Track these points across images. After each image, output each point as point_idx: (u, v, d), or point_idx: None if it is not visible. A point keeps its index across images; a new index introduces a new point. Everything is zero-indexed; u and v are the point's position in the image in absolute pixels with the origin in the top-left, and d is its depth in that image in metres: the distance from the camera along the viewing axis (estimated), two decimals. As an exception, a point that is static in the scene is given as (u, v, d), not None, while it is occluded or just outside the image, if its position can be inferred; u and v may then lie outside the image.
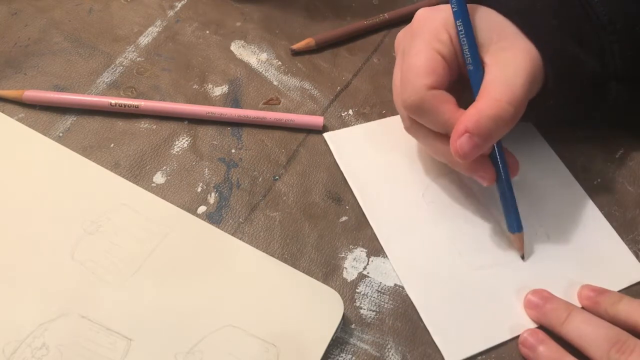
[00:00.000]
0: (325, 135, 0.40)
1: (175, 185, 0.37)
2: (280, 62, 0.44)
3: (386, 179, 0.39)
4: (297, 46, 0.44)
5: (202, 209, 0.37)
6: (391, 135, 0.41)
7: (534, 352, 0.33)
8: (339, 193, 0.38)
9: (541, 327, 0.34)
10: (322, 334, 0.32)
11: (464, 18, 0.34)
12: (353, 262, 0.36)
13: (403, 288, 0.35)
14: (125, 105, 0.39)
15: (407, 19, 0.47)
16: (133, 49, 0.43)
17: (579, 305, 0.35)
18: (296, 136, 0.41)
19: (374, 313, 0.34)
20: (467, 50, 0.34)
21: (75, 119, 0.39)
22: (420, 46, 0.34)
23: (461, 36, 0.34)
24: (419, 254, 0.36)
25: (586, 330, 0.32)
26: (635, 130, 0.42)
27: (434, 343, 0.34)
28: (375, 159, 0.40)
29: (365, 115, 0.42)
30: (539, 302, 0.34)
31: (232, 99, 0.42)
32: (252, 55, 0.44)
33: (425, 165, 0.40)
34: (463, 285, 0.35)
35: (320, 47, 0.45)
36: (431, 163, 0.40)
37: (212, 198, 0.37)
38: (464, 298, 0.35)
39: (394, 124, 0.41)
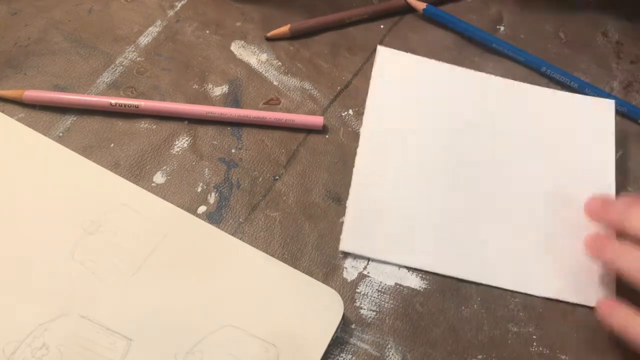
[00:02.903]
0: (380, 48, 0.42)
1: (175, 185, 0.37)
2: (280, 62, 0.44)
3: (407, 122, 0.40)
4: (272, 33, 0.45)
5: (202, 209, 0.37)
6: (442, 87, 0.42)
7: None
8: (339, 193, 0.38)
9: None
10: (322, 334, 0.32)
11: None
12: (353, 262, 0.36)
13: (404, 287, 0.35)
14: (125, 105, 0.39)
15: (387, 14, 0.48)
16: (133, 49, 0.43)
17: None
18: (296, 136, 0.41)
19: (374, 313, 0.34)
20: None
21: (75, 119, 0.39)
22: None
23: None
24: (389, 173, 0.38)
25: None
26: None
27: (434, 342, 0.34)
28: (407, 100, 0.41)
29: (365, 115, 0.42)
30: (599, 204, 0.36)
31: (232, 99, 0.42)
32: (252, 55, 0.44)
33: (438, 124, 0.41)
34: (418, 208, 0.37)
35: (295, 36, 0.45)
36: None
37: (212, 198, 0.37)
38: (413, 215, 0.37)
39: (455, 75, 0.43)
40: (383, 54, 0.42)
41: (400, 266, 0.36)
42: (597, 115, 0.43)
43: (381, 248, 0.35)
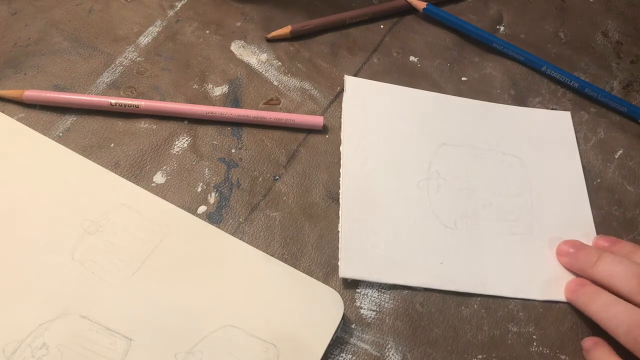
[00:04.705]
0: (347, 77, 0.43)
1: (175, 185, 0.37)
2: (280, 62, 0.44)
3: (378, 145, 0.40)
4: (272, 34, 0.45)
5: (202, 209, 0.37)
6: (409, 107, 0.43)
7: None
8: (339, 193, 0.38)
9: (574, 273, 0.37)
10: (322, 334, 0.32)
11: None
12: (353, 262, 0.36)
13: (404, 287, 0.35)
14: (125, 105, 0.39)
15: (387, 14, 0.48)
16: (133, 49, 0.43)
17: None
18: (296, 136, 0.41)
19: (374, 313, 0.34)
20: None
21: (75, 118, 0.39)
22: None
23: None
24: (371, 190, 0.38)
25: (617, 269, 0.33)
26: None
27: (434, 342, 0.34)
28: (381, 123, 0.41)
29: (365, 115, 0.42)
30: (570, 250, 0.36)
31: (232, 99, 0.42)
32: (252, 55, 0.44)
33: (417, 153, 0.41)
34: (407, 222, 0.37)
35: (295, 37, 0.45)
36: (427, 151, 0.41)
37: (212, 198, 0.37)
38: (404, 232, 0.37)
39: (418, 96, 0.43)
40: (351, 82, 0.43)
41: (402, 286, 0.36)
42: (558, 127, 0.44)
43: (379, 270, 0.35)
